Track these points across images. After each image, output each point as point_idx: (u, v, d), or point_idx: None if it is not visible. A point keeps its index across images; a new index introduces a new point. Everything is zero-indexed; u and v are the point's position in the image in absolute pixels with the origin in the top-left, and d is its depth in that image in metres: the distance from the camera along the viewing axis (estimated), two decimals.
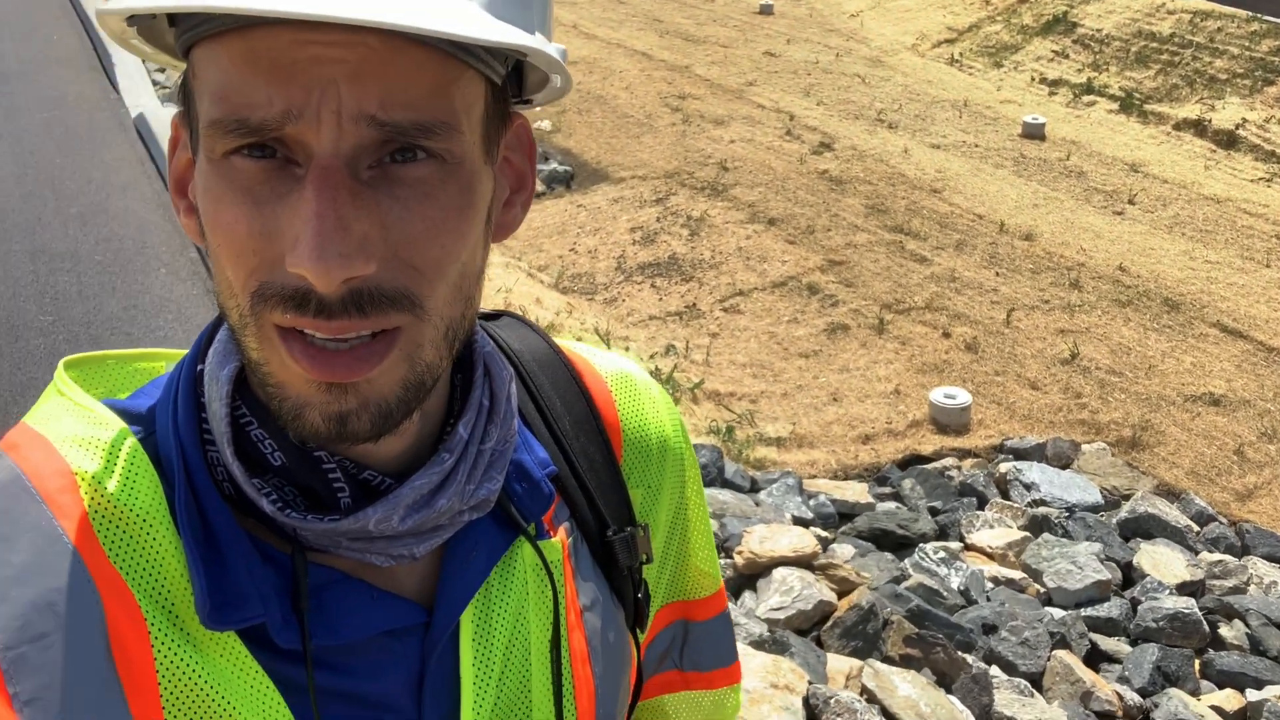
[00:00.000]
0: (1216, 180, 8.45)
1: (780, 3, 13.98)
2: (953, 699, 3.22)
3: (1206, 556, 4.28)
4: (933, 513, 4.51)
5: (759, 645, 3.23)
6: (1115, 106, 10.01)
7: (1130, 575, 4.16)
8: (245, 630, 0.65)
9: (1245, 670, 3.60)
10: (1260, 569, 4.20)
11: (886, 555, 4.06)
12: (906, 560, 4.05)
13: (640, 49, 11.90)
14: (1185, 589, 4.04)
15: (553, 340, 0.87)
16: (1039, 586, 4.03)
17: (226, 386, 0.66)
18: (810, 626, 3.52)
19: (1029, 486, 4.67)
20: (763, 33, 12.72)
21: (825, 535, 4.16)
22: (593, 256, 7.19)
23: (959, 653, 3.43)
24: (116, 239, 6.49)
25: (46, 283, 5.92)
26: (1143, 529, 4.43)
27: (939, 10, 13.04)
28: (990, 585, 3.97)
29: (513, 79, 0.67)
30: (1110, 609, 3.89)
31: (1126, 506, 4.56)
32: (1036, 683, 3.49)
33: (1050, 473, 4.75)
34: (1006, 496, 4.69)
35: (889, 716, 3.05)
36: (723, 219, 7.55)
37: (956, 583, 3.93)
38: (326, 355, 0.59)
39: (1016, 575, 4.04)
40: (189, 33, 0.59)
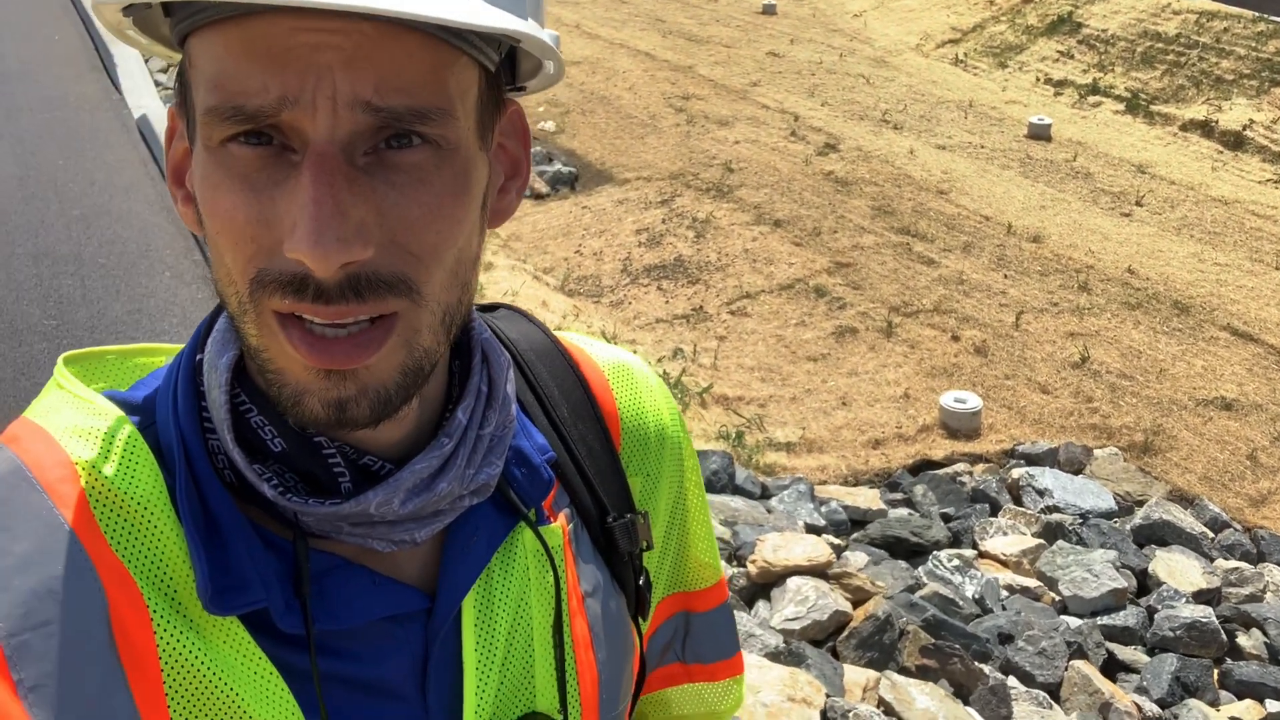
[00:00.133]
0: (1224, 182, 8.41)
1: (783, 2, 13.93)
2: (971, 711, 3.18)
3: (1222, 564, 4.24)
4: (945, 519, 4.48)
5: (775, 657, 3.19)
6: (1121, 107, 9.97)
7: (1145, 583, 4.13)
8: (247, 616, 0.65)
9: (1265, 680, 3.56)
10: (1276, 576, 4.16)
11: (900, 563, 4.03)
12: (920, 568, 4.01)
13: (643, 49, 11.86)
14: (1201, 597, 4.00)
15: (549, 331, 0.88)
16: (1054, 595, 3.99)
17: (226, 374, 0.67)
18: (825, 637, 3.49)
19: (1042, 492, 4.63)
20: (766, 33, 12.67)
21: (838, 543, 4.13)
22: (598, 258, 7.15)
23: (976, 663, 3.40)
24: (120, 241, 6.45)
25: (50, 286, 5.87)
26: (1157, 535, 4.40)
27: (943, 10, 13.00)
28: (1005, 594, 3.93)
29: (505, 66, 0.67)
30: (1126, 617, 3.86)
31: (1140, 513, 4.52)
32: (1054, 694, 3.45)
33: (1063, 478, 4.71)
34: (1019, 502, 4.65)
35: None
36: (728, 221, 7.51)
37: (971, 591, 3.89)
38: (325, 342, 0.59)
39: (1031, 583, 4.00)
40: (185, 21, 0.60)
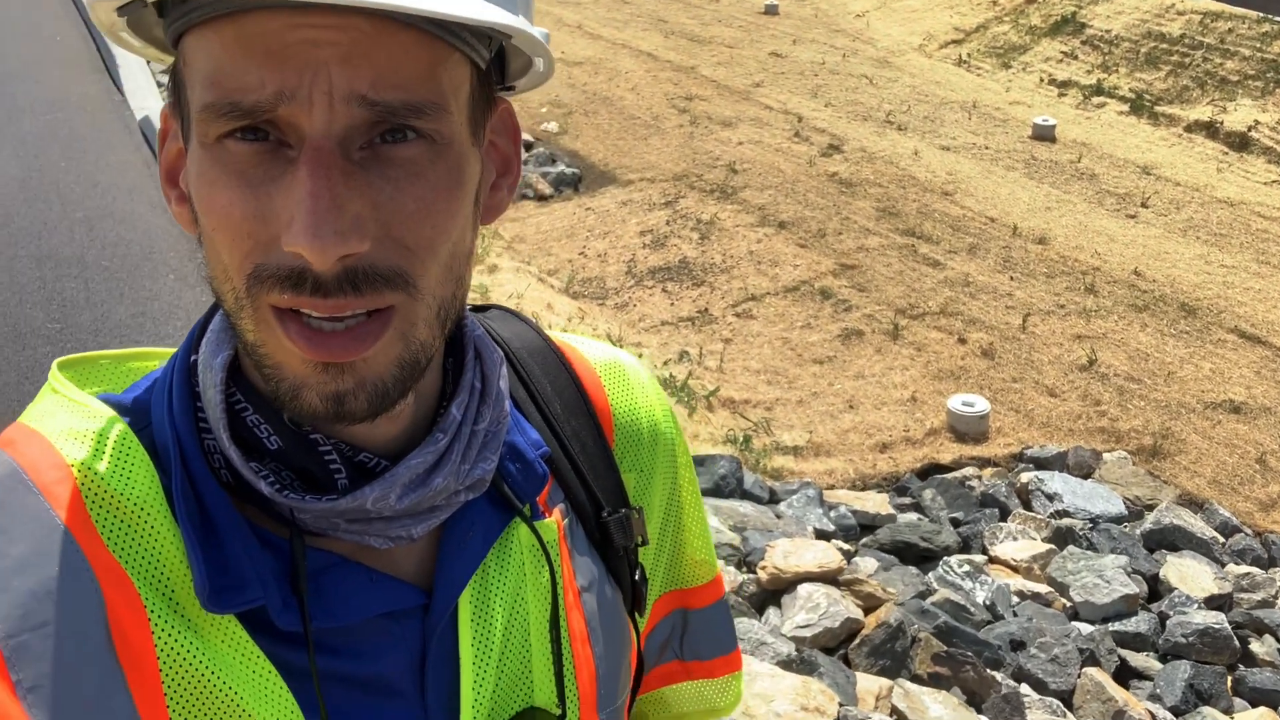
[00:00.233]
0: (1229, 183, 8.39)
1: (785, 3, 13.90)
2: None
3: (1234, 569, 4.22)
4: (955, 524, 4.45)
5: (787, 665, 3.17)
6: (1125, 108, 9.95)
7: (1156, 589, 4.10)
8: (245, 615, 0.66)
9: (1279, 688, 3.54)
10: None
11: (910, 569, 4.00)
12: (931, 574, 3.98)
13: (646, 50, 11.83)
14: (1213, 602, 3.98)
15: (542, 330, 0.88)
16: (1065, 600, 3.96)
17: (221, 373, 0.67)
18: (837, 644, 3.46)
19: (1051, 497, 4.60)
20: (768, 33, 12.65)
21: (847, 548, 4.10)
22: (603, 260, 7.12)
23: (988, 671, 3.37)
24: (124, 244, 6.42)
25: (53, 289, 5.85)
26: (1168, 540, 4.37)
27: (946, 10, 12.97)
28: (1016, 599, 3.90)
29: (495, 64, 0.68)
30: (1138, 624, 3.83)
31: (1151, 517, 4.50)
32: (1067, 701, 3.43)
33: (1073, 483, 4.68)
34: (1029, 507, 4.63)
35: None
36: (733, 222, 7.48)
37: (982, 597, 3.86)
38: (323, 336, 0.60)
39: (1042, 589, 3.98)
40: (180, 20, 0.60)
